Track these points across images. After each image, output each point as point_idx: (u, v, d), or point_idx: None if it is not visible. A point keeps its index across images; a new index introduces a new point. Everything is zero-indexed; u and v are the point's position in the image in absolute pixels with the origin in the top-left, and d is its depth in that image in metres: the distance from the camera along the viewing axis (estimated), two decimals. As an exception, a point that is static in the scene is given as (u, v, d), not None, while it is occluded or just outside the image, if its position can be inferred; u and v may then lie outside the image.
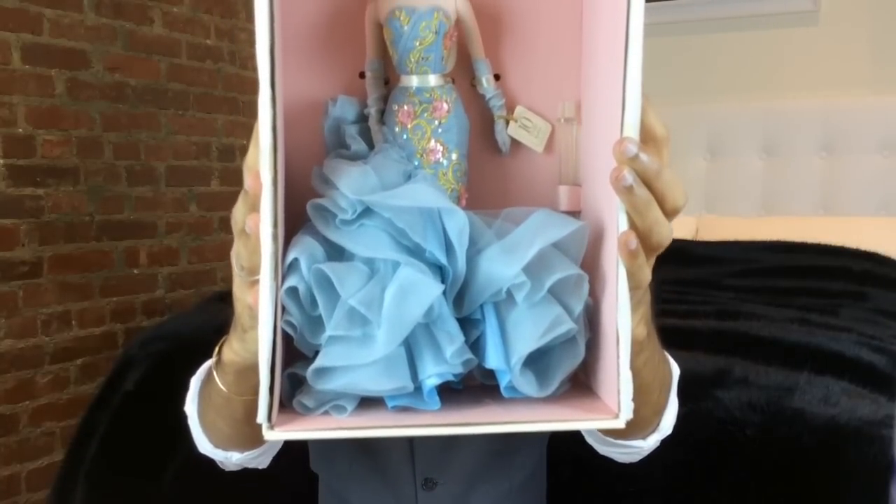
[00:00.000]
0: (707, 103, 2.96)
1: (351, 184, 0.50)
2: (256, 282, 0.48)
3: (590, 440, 0.75)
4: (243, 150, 3.06)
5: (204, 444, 0.74)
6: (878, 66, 2.80)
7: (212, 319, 1.71)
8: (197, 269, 2.92)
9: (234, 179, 3.06)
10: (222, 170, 3.01)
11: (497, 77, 0.58)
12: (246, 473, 0.97)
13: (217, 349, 0.64)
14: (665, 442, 0.73)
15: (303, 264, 0.49)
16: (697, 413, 1.20)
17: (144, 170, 2.72)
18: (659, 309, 0.64)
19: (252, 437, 0.69)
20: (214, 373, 0.64)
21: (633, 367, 0.49)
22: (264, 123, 0.44)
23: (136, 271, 2.70)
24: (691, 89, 2.99)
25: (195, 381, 0.74)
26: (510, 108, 0.58)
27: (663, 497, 1.16)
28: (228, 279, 2.53)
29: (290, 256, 0.49)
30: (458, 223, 0.51)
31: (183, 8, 2.83)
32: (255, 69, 0.44)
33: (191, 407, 0.74)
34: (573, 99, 0.58)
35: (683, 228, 2.71)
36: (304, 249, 0.49)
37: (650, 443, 0.69)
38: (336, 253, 0.51)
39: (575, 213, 0.58)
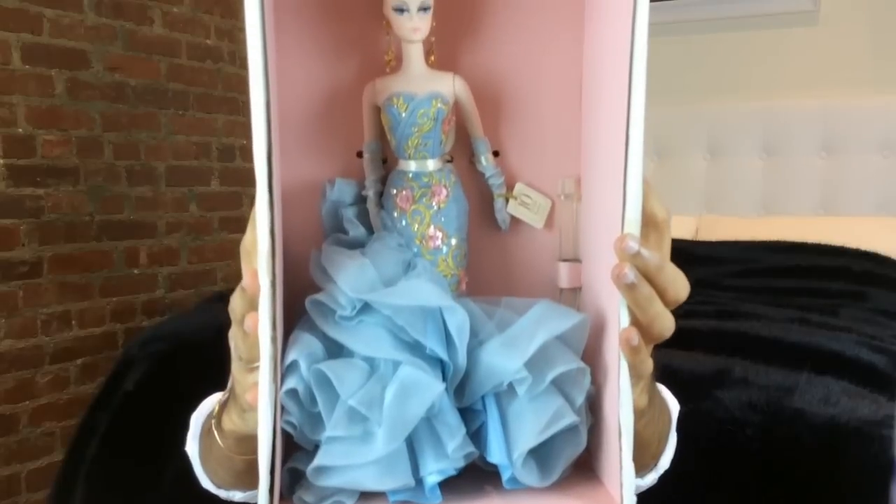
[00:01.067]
0: (707, 103, 2.96)
1: (350, 280, 0.50)
2: (255, 368, 0.49)
3: None
4: (243, 150, 3.08)
5: (206, 482, 0.73)
6: (878, 66, 2.80)
7: (212, 319, 1.71)
8: (197, 269, 2.92)
9: (233, 179, 3.06)
10: (222, 170, 3.01)
11: (496, 153, 0.58)
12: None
13: (217, 409, 0.63)
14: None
15: (302, 365, 0.49)
16: (697, 413, 1.20)
17: (144, 170, 2.72)
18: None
19: (254, 482, 0.69)
20: (214, 431, 0.62)
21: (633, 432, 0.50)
22: (262, 227, 0.44)
23: (136, 271, 2.70)
24: (691, 89, 2.99)
25: (195, 422, 0.73)
26: (510, 185, 0.58)
27: (662, 497, 1.16)
28: (228, 279, 2.53)
29: (290, 357, 0.49)
30: (459, 320, 0.50)
31: (183, 8, 2.83)
32: (255, 69, 0.44)
33: (192, 447, 0.73)
34: (573, 174, 0.58)
35: (683, 228, 2.71)
36: (303, 349, 0.49)
37: (647, 481, 0.69)
38: (335, 348, 0.50)
39: (575, 290, 0.58)
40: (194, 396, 1.71)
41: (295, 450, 0.52)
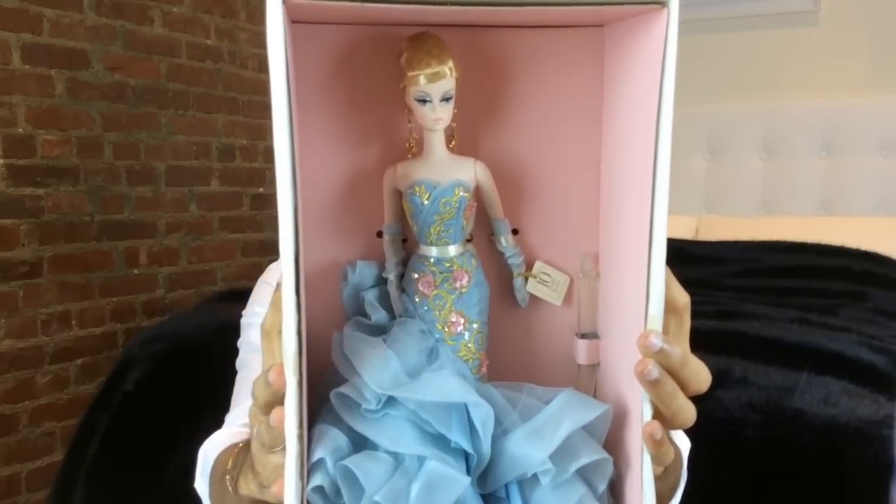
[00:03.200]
0: (707, 103, 2.96)
1: (374, 374, 0.51)
2: (276, 452, 0.49)
3: None
4: (243, 150, 3.08)
5: None
6: (878, 66, 2.80)
7: (212, 319, 1.71)
8: (197, 269, 2.92)
9: (233, 179, 3.06)
10: (222, 170, 3.01)
11: (515, 231, 0.58)
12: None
13: (231, 465, 0.63)
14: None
15: (328, 462, 0.49)
16: (697, 413, 1.20)
17: (144, 170, 2.72)
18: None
19: None
20: (229, 486, 0.62)
21: None
22: (290, 328, 0.44)
23: (136, 271, 2.70)
24: (691, 89, 2.99)
25: (203, 460, 0.73)
26: (529, 263, 0.59)
27: (663, 497, 1.16)
28: (228, 279, 2.53)
29: (317, 455, 0.49)
30: (483, 414, 0.51)
31: (183, 8, 2.83)
32: (254, 69, 0.44)
33: (202, 486, 0.73)
34: (591, 251, 0.59)
35: (683, 228, 2.71)
36: (329, 445, 0.50)
37: None
38: (360, 439, 0.51)
39: (594, 367, 0.59)
40: (194, 396, 1.71)
41: None
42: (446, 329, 0.56)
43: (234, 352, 1.04)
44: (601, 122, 0.57)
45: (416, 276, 0.56)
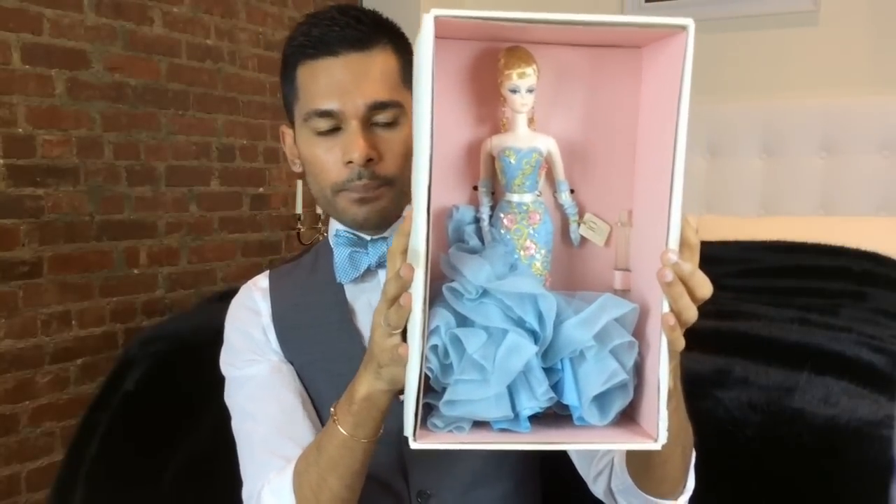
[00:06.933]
0: (707, 103, 2.96)
1: (474, 272, 0.71)
2: (394, 334, 0.71)
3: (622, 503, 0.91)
4: (243, 150, 3.08)
5: None
6: (878, 66, 2.80)
7: (212, 319, 1.71)
8: (197, 269, 2.92)
9: (233, 179, 3.06)
10: (222, 170, 3.01)
11: (572, 191, 0.79)
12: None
13: (336, 409, 0.83)
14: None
15: (442, 330, 0.70)
16: (697, 413, 1.20)
17: (144, 170, 2.72)
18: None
19: (360, 481, 0.88)
20: (337, 425, 0.82)
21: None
22: (420, 233, 0.67)
23: (136, 271, 2.70)
24: (692, 89, 2.99)
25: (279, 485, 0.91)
26: (581, 214, 0.80)
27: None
28: (228, 279, 2.53)
29: (434, 324, 0.70)
30: (549, 304, 0.71)
31: (183, 8, 2.83)
32: (254, 69, 0.45)
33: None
34: (627, 208, 0.79)
35: (683, 228, 2.71)
36: (442, 319, 0.70)
37: (680, 502, 0.87)
38: (463, 320, 0.71)
39: (626, 291, 0.78)
40: (194, 396, 1.71)
41: (427, 391, 0.72)
42: (522, 252, 0.77)
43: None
44: (637, 118, 0.78)
45: (503, 215, 0.78)
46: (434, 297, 0.72)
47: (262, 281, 1.07)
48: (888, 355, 1.46)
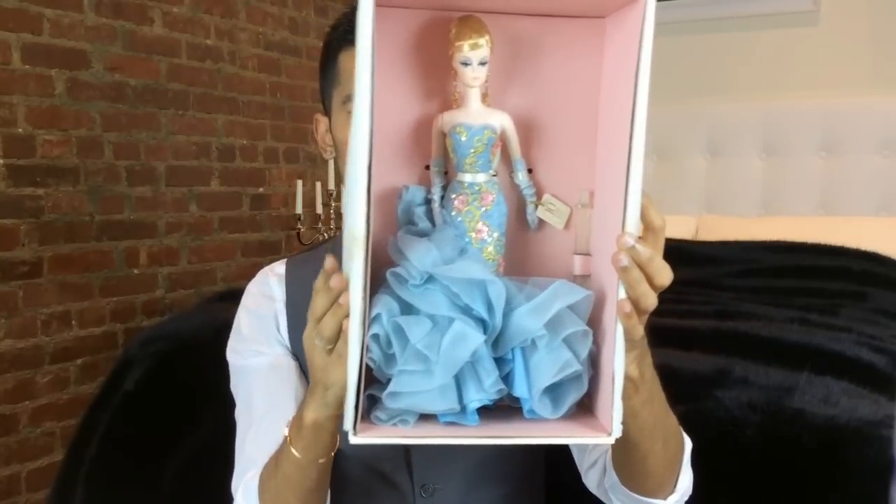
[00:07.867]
0: (707, 103, 2.96)
1: (420, 257, 0.68)
2: (332, 350, 0.67)
3: (616, 502, 0.89)
4: (243, 150, 3.08)
5: None
6: (878, 66, 2.80)
7: (212, 319, 1.71)
8: (197, 269, 2.92)
9: (233, 179, 3.06)
10: (222, 170, 3.01)
11: (530, 171, 0.75)
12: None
13: (289, 429, 0.80)
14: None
15: (384, 317, 0.66)
16: (697, 413, 1.20)
17: (144, 170, 2.72)
18: (659, 309, 0.65)
19: (322, 498, 0.85)
20: (290, 445, 0.78)
21: (630, 407, 0.68)
22: (360, 216, 0.61)
23: (136, 271, 2.70)
24: (691, 89, 3.00)
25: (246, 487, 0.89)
26: (539, 195, 0.76)
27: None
28: (228, 279, 2.52)
29: (375, 311, 0.66)
30: (498, 290, 0.67)
31: (183, 8, 2.83)
32: (254, 69, 0.45)
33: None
34: (588, 188, 0.75)
35: (683, 228, 2.71)
36: (385, 306, 0.67)
37: (669, 503, 0.84)
38: (407, 307, 0.68)
39: (585, 277, 0.74)
40: (194, 396, 1.71)
41: (371, 383, 0.69)
42: (474, 235, 0.73)
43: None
44: (599, 93, 0.74)
45: (454, 196, 0.73)
46: (379, 284, 0.69)
47: (278, 267, 1.06)
48: (888, 355, 1.46)
